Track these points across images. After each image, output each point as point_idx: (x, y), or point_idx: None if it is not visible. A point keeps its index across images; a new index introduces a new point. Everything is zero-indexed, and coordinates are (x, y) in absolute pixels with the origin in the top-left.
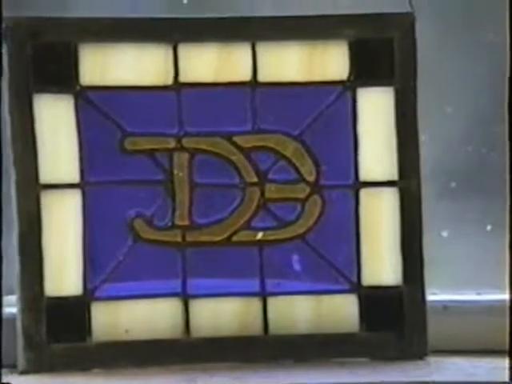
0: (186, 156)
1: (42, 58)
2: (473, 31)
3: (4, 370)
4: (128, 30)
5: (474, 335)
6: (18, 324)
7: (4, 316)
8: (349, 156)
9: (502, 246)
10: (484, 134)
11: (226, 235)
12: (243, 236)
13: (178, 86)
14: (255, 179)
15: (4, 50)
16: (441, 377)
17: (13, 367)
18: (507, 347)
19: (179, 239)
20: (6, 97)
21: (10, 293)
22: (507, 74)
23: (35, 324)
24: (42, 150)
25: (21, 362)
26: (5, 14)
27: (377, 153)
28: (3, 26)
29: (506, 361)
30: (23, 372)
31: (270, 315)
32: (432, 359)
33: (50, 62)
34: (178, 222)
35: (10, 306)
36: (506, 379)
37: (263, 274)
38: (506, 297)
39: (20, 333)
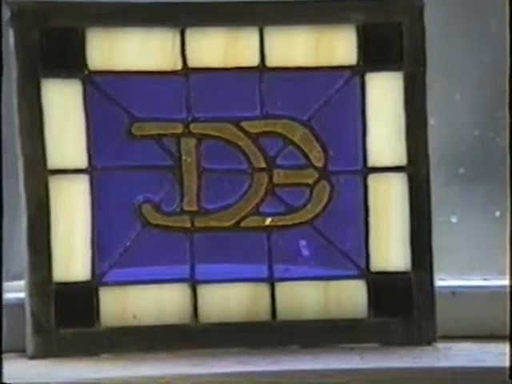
0: (193, 141)
1: (50, 43)
2: (481, 19)
3: (13, 355)
4: (135, 14)
5: (481, 320)
6: (27, 309)
7: (12, 301)
8: (357, 141)
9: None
10: (493, 119)
11: (234, 221)
12: (251, 222)
13: (185, 70)
14: (263, 165)
15: (11, 35)
16: (449, 362)
17: (22, 352)
18: (508, 334)
19: (187, 225)
20: (14, 82)
21: (19, 278)
22: (507, 72)
23: (43, 309)
24: (49, 136)
25: (29, 347)
26: None
27: (385, 138)
28: (7, 11)
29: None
30: (32, 357)
31: (278, 301)
32: (440, 345)
33: (57, 47)
34: (186, 207)
35: (18, 291)
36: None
37: (271, 259)
38: None
39: (28, 318)
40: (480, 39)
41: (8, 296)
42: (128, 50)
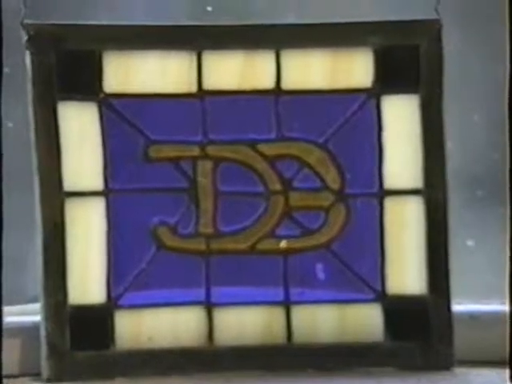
0: (210, 164)
1: (66, 66)
2: (497, 39)
3: (27, 379)
4: (152, 37)
5: (500, 345)
6: (42, 332)
7: (28, 324)
8: (373, 164)
9: None
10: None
11: (250, 243)
12: (267, 244)
13: (201, 93)
14: (279, 187)
15: (28, 57)
16: None
17: (36, 376)
18: (507, 355)
19: (203, 247)
20: (31, 105)
21: (34, 301)
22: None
23: (59, 332)
24: (65, 158)
25: (44, 370)
26: (27, 21)
27: (402, 161)
28: (26, 33)
29: None
30: (47, 380)
31: (294, 324)
32: (458, 370)
33: (73, 70)
34: (202, 229)
35: (33, 314)
36: None
37: (287, 282)
38: None
39: (43, 341)
40: (497, 59)
41: (23, 319)
42: (144, 72)
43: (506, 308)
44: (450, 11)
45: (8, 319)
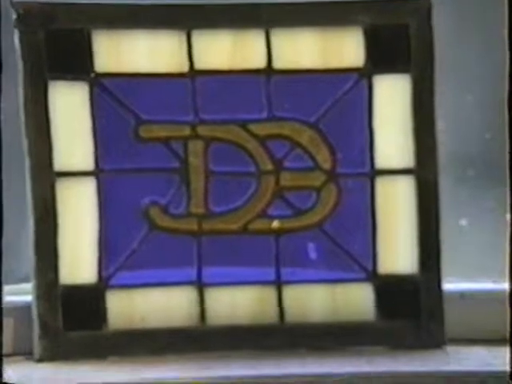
0: (201, 144)
1: (56, 45)
2: (492, 18)
3: (20, 358)
4: (142, 16)
5: (491, 324)
6: (34, 312)
7: (20, 304)
8: (365, 144)
9: None
10: (502, 120)
11: (241, 223)
12: (259, 224)
13: (192, 73)
14: (270, 167)
15: (17, 37)
16: (459, 366)
17: (29, 355)
18: (508, 337)
19: (195, 227)
20: (20, 84)
21: (26, 280)
22: (507, 73)
23: (51, 312)
24: (56, 138)
25: (37, 350)
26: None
27: (393, 140)
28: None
29: None
30: (39, 360)
31: (286, 304)
32: (450, 348)
33: (63, 49)
34: (193, 209)
35: (25, 293)
36: None
37: (279, 262)
38: None
39: (36, 320)
40: (492, 38)
41: (15, 299)
42: (135, 52)
43: (498, 287)
44: None
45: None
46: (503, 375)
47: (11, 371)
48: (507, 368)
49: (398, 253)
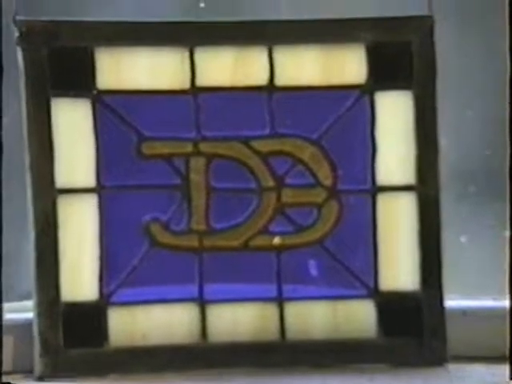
0: (202, 160)
1: (58, 62)
2: (490, 37)
3: (20, 376)
4: (144, 33)
5: (493, 341)
6: (35, 329)
7: (20, 321)
8: (366, 160)
9: None
10: (502, 137)
11: (242, 240)
12: (260, 241)
13: (194, 90)
14: (272, 183)
15: (19, 54)
16: None
17: (29, 373)
18: (508, 351)
19: (196, 244)
20: (23, 100)
21: (27, 298)
22: (508, 76)
23: (52, 329)
24: (58, 154)
25: (37, 367)
26: (19, 17)
27: (394, 157)
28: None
29: None
30: (40, 378)
31: (287, 320)
32: (452, 366)
33: (66, 66)
34: (194, 226)
35: (26, 311)
36: None
37: (280, 279)
38: None
39: (36, 338)
40: (492, 57)
41: (16, 316)
42: (137, 69)
43: (500, 304)
44: (444, 8)
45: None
46: None
47: None
48: None
49: (400, 269)
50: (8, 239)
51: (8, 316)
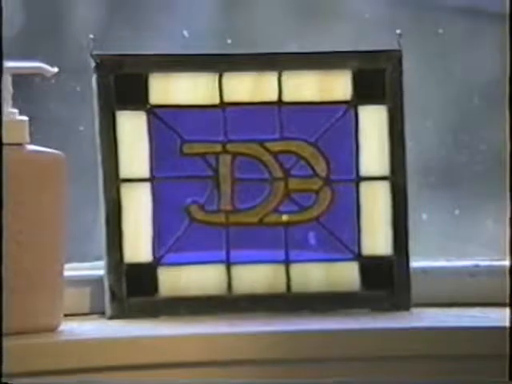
0: (229, 157)
1: (122, 85)
2: (446, 66)
3: (95, 316)
4: (186, 62)
5: (446, 292)
6: (105, 283)
7: (95, 277)
8: (352, 157)
9: (468, 226)
10: (456, 140)
11: (258, 217)
12: (272, 218)
13: (222, 105)
14: (281, 175)
15: (94, 79)
16: (421, 323)
17: (102, 314)
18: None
19: (224, 220)
20: (96, 113)
21: (99, 259)
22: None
23: (117, 283)
24: (121, 153)
25: (107, 311)
26: (94, 52)
27: (373, 155)
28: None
29: (470, 310)
30: (109, 317)
31: (292, 277)
32: (415, 310)
33: (127, 88)
34: (222, 207)
35: (98, 269)
36: (470, 324)
37: (287, 246)
38: (469, 263)
39: (106, 289)
40: (447, 80)
41: (91, 273)
42: (180, 89)
43: (451, 264)
44: (409, 44)
45: (81, 273)
46: (455, 329)
47: (89, 326)
48: (457, 324)
49: (377, 240)
50: (86, 217)
51: (85, 273)
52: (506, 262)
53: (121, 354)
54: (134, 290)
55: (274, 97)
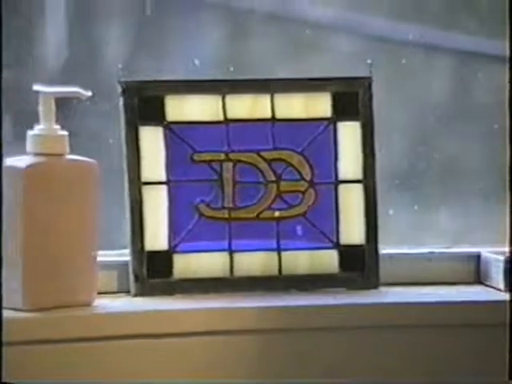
0: (231, 164)
1: (144, 105)
2: (408, 90)
3: (122, 294)
4: (196, 86)
5: (408, 273)
6: (130, 267)
7: (122, 262)
8: (332, 164)
9: (426, 220)
10: (416, 151)
11: (255, 214)
12: (267, 214)
13: (226, 121)
14: (273, 178)
15: (121, 101)
16: (387, 299)
17: (127, 292)
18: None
19: (227, 216)
20: (123, 128)
21: (124, 248)
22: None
23: (140, 267)
24: (143, 161)
25: (132, 290)
26: (121, 79)
27: (349, 162)
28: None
29: (426, 288)
30: (134, 296)
31: (283, 262)
32: (382, 289)
33: (148, 107)
34: (226, 205)
35: (125, 255)
36: (425, 300)
37: (279, 237)
38: (425, 250)
39: (131, 273)
40: (408, 102)
41: (118, 259)
42: (191, 108)
43: (413, 251)
44: (378, 71)
45: (110, 259)
46: (413, 304)
47: (118, 302)
48: (417, 300)
49: (353, 231)
50: (114, 213)
51: (114, 259)
52: (456, 249)
53: (143, 324)
54: (153, 272)
55: (268, 114)
